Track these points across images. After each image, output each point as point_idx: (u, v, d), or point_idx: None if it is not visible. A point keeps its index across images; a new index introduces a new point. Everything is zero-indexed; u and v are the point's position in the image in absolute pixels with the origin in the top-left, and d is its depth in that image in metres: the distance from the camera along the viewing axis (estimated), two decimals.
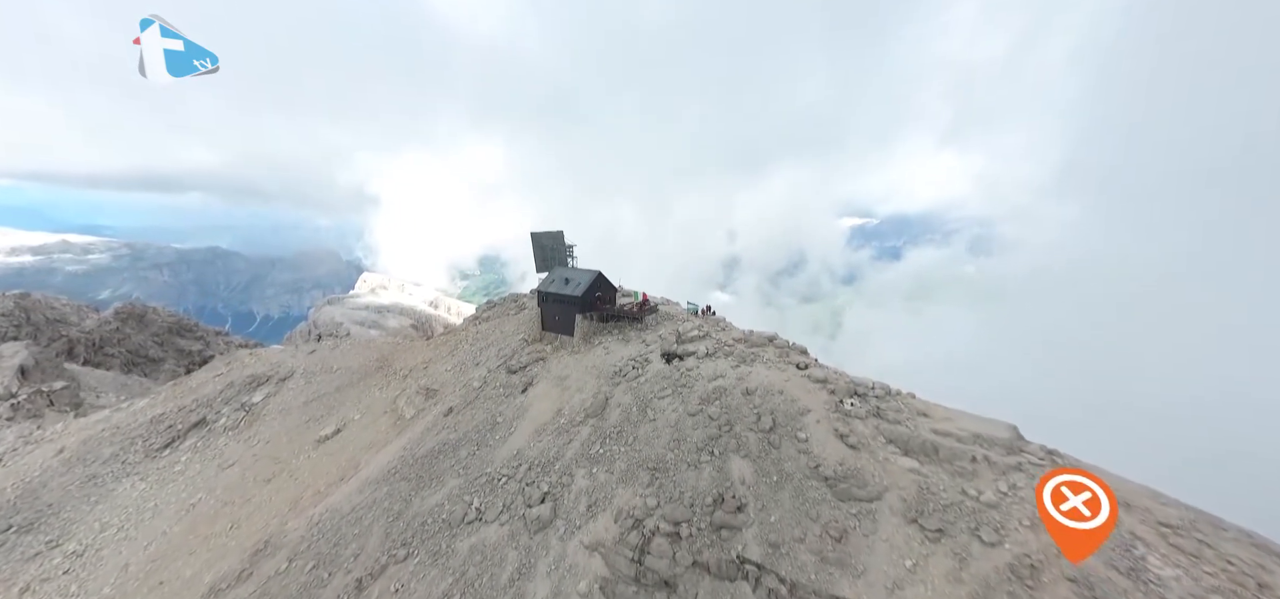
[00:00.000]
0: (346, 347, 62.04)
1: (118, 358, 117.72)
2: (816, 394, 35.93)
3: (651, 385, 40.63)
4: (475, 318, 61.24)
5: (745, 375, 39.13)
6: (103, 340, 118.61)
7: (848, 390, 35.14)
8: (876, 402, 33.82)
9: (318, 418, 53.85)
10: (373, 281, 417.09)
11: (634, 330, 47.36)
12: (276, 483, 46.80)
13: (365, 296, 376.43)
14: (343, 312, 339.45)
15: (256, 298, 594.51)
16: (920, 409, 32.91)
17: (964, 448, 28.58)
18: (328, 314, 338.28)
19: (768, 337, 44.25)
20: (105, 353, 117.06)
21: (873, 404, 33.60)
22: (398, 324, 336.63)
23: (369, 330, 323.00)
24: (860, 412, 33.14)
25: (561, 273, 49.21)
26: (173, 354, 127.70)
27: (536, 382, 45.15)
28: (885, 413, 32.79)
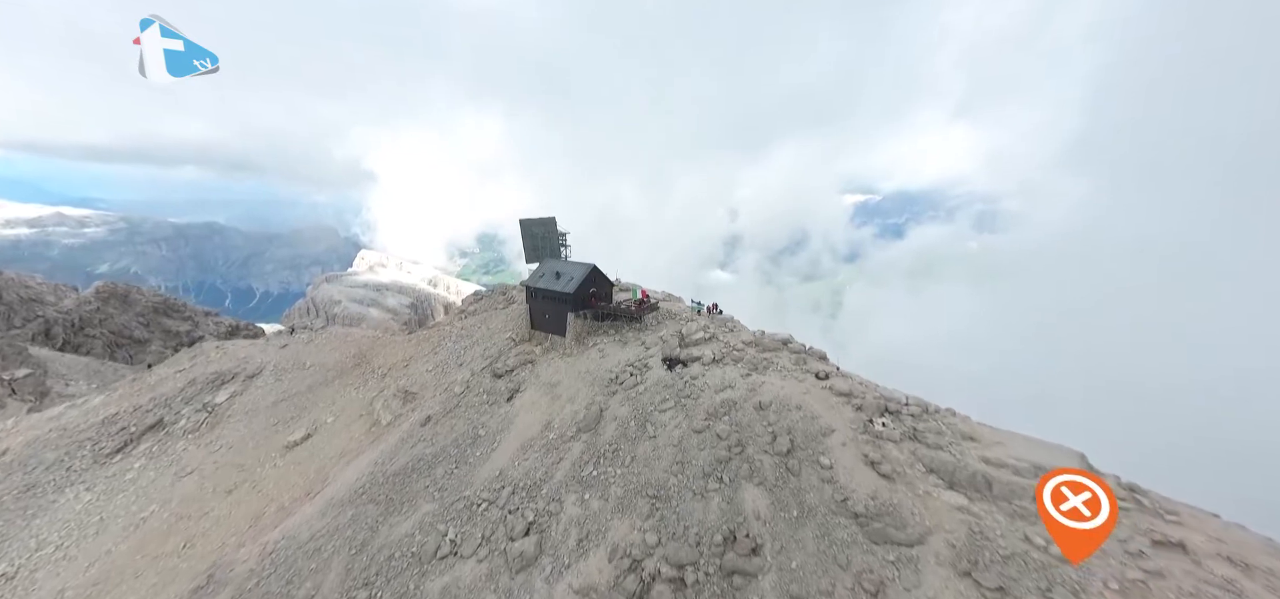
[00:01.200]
0: (322, 340, 57.46)
1: (100, 339, 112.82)
2: (840, 410, 31.52)
3: (651, 396, 36.18)
4: (461, 311, 56.61)
5: (757, 386, 34.68)
6: (83, 321, 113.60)
7: (877, 407, 30.72)
8: (912, 421, 29.43)
9: (287, 420, 49.41)
10: (371, 259, 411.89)
11: (632, 331, 42.82)
12: (238, 495, 42.48)
13: (363, 274, 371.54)
14: (341, 289, 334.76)
15: (255, 274, 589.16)
16: (965, 431, 28.52)
17: (1023, 482, 24.23)
18: (326, 292, 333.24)
19: (781, 340, 39.75)
20: (86, 334, 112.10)
21: (908, 424, 29.21)
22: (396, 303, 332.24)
23: (367, 309, 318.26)
24: (893, 433, 28.75)
25: (552, 266, 44.54)
26: (159, 335, 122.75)
27: (524, 388, 40.67)
28: (923, 435, 28.41)
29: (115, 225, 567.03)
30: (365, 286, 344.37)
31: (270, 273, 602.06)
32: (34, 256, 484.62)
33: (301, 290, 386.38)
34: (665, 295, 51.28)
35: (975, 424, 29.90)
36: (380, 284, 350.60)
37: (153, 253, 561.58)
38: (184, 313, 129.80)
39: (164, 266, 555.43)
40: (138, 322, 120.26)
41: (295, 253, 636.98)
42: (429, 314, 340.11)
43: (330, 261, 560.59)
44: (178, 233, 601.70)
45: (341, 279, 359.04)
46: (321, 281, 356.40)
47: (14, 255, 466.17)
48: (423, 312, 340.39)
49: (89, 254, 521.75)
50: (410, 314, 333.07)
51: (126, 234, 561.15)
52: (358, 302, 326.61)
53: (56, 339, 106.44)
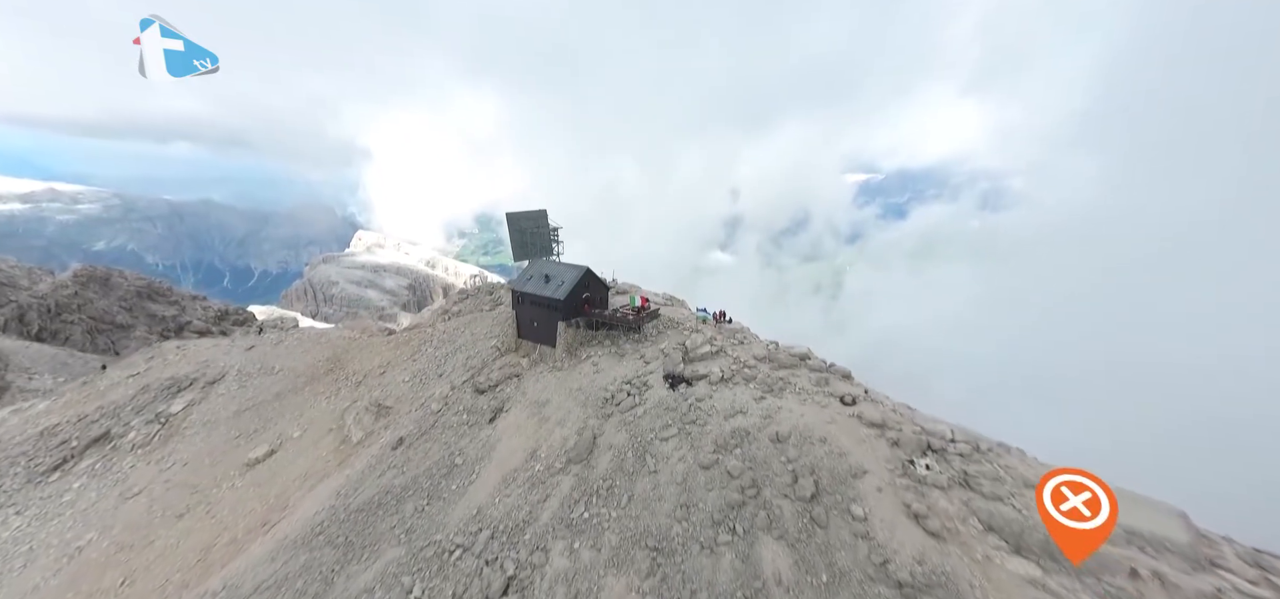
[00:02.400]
0: (293, 342, 52.71)
1: (78, 325, 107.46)
2: (873, 446, 27.04)
3: (652, 420, 31.65)
4: (444, 311, 51.89)
5: (773, 412, 30.15)
6: (59, 306, 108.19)
7: (918, 443, 26.22)
8: (961, 462, 24.97)
9: (249, 433, 44.83)
10: (368, 240, 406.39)
11: (630, 341, 38.17)
12: (189, 521, 38.02)
13: (361, 255, 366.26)
14: (338, 270, 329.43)
15: (253, 253, 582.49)
16: (1028, 477, 24.06)
17: (1115, 552, 19.81)
18: (323, 272, 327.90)
19: (798, 355, 35.16)
20: (63, 321, 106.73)
21: (956, 467, 24.75)
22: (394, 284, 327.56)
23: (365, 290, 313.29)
24: (940, 478, 24.29)
25: (542, 267, 39.78)
26: (143, 320, 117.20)
27: (508, 407, 36.09)
28: (977, 481, 23.95)
29: (110, 202, 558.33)
30: (362, 268, 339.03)
31: (268, 252, 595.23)
32: (29, 232, 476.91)
33: (299, 270, 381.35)
34: (667, 299, 46.59)
35: (1041, 467, 25.44)
36: (378, 265, 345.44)
37: (149, 231, 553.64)
38: (169, 297, 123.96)
39: (161, 245, 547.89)
40: (120, 306, 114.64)
41: (293, 232, 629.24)
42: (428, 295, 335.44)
43: (328, 242, 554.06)
44: (173, 211, 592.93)
45: (339, 260, 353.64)
46: (319, 262, 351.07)
47: (9, 231, 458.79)
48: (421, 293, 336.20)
49: (84, 231, 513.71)
50: (408, 296, 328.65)
51: (122, 211, 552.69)
52: (355, 283, 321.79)
53: (31, 326, 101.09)
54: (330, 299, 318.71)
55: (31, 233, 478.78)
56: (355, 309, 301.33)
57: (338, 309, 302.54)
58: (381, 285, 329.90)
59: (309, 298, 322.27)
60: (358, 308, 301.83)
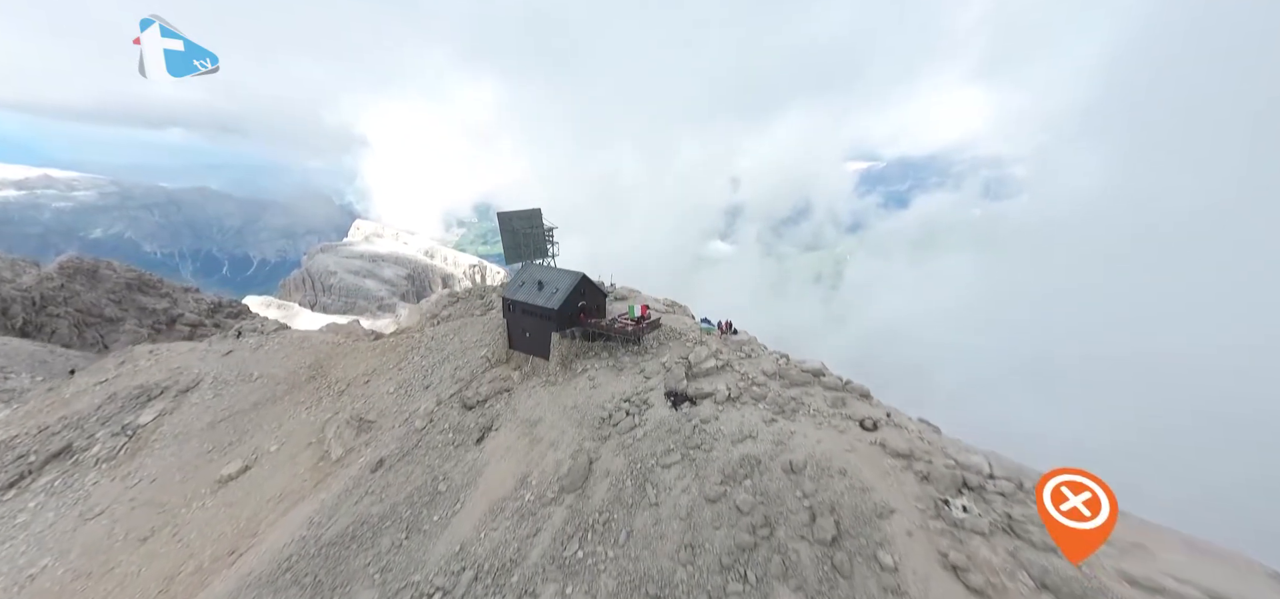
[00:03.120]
0: (273, 347, 49.83)
1: (65, 319, 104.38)
2: (900, 481, 24.26)
3: (652, 444, 28.87)
4: (433, 316, 48.97)
5: (786, 437, 27.37)
6: (45, 299, 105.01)
7: (952, 479, 23.42)
8: (1004, 504, 22.19)
9: (223, 447, 42.07)
10: (366, 229, 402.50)
11: (629, 354, 35.28)
12: (154, 545, 35.33)
13: (359, 244, 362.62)
14: (336, 260, 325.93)
15: (251, 242, 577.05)
16: None
17: None
18: (321, 262, 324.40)
19: (812, 371, 32.31)
20: (49, 314, 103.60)
21: (999, 510, 21.96)
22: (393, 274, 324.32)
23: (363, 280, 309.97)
24: (980, 522, 21.51)
25: (534, 273, 36.80)
26: (134, 313, 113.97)
27: (498, 425, 33.29)
28: (1023, 527, 21.17)
29: (106, 189, 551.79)
30: (361, 257, 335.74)
31: (267, 241, 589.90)
32: (25, 219, 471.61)
33: (298, 259, 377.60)
34: (668, 305, 43.67)
35: None
36: (376, 255, 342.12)
37: (146, 219, 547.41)
38: (160, 289, 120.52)
39: (159, 233, 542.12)
40: (109, 299, 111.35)
41: (291, 221, 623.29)
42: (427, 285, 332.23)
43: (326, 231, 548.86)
44: (170, 199, 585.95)
45: (337, 249, 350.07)
46: (317, 252, 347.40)
47: (4, 218, 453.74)
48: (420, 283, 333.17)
49: (81, 219, 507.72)
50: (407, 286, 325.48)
51: (118, 199, 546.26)
52: (354, 273, 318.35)
53: (15, 319, 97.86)
54: (329, 289, 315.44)
55: (27, 220, 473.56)
56: (354, 299, 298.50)
57: (336, 299, 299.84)
58: (380, 275, 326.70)
59: (307, 287, 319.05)
60: (356, 298, 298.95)
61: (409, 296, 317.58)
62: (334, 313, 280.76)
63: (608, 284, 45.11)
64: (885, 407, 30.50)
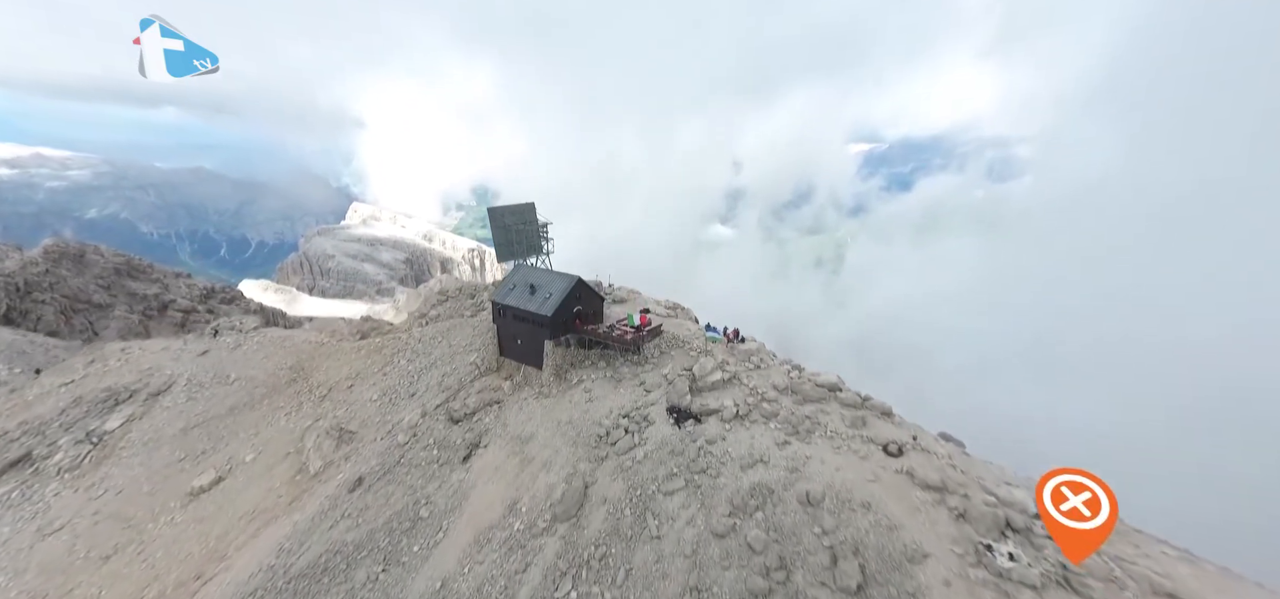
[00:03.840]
0: (252, 347, 47.13)
1: (51, 306, 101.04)
2: (933, 518, 21.73)
3: (654, 467, 26.35)
4: (421, 315, 46.22)
5: (801, 463, 24.84)
6: (29, 285, 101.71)
7: (993, 519, 20.87)
8: (1057, 551, 19.66)
9: (197, 455, 39.59)
10: (364, 212, 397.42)
11: (628, 364, 32.61)
12: (117, 564, 32.97)
13: (357, 227, 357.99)
14: (334, 243, 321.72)
15: (249, 223, 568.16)
16: (1157, 573, 18.82)
17: None
18: (318, 245, 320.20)
19: (827, 385, 29.68)
20: (34, 300, 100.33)
21: (1052, 559, 19.43)
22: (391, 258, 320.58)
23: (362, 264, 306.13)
24: (1030, 573, 19.01)
25: (526, 276, 33.96)
26: (124, 299, 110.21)
27: (486, 440, 30.73)
28: (1083, 580, 18.68)
29: (99, 169, 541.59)
30: (359, 241, 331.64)
31: (264, 223, 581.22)
32: (19, 200, 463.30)
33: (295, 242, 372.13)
34: (670, 309, 40.89)
35: (1170, 557, 20.16)
36: (374, 238, 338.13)
37: (142, 199, 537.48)
38: (150, 275, 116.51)
39: (155, 214, 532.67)
40: (97, 285, 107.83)
41: (288, 203, 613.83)
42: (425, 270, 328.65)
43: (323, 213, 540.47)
44: (165, 179, 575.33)
45: (334, 232, 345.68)
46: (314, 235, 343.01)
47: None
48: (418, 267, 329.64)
49: (76, 198, 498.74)
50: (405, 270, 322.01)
51: (112, 179, 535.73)
52: (352, 257, 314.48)
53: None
54: (327, 273, 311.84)
55: (21, 200, 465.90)
56: (352, 283, 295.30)
57: (335, 282, 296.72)
58: (378, 259, 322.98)
59: (305, 271, 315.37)
60: (355, 281, 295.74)
61: (408, 281, 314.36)
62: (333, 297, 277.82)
63: (606, 285, 42.37)
64: (909, 426, 27.93)
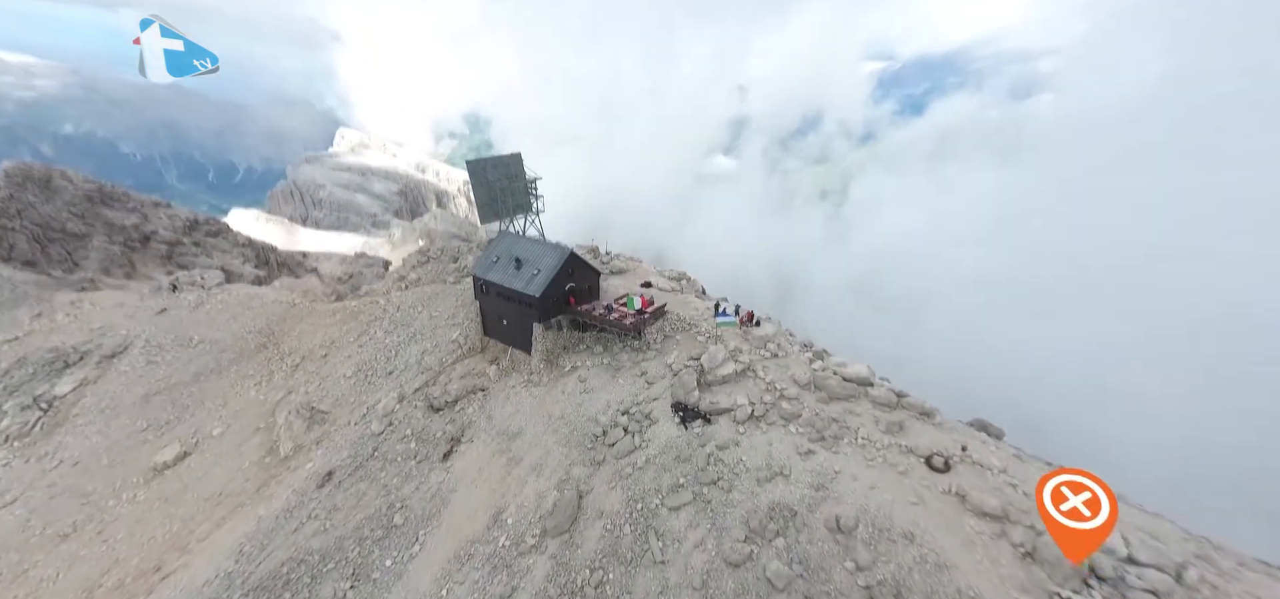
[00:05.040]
0: (217, 307, 43.15)
1: (21, 234, 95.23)
2: (993, 554, 18.54)
3: (657, 475, 23.14)
4: (401, 278, 41.95)
5: (827, 479, 21.58)
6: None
7: (1076, 569, 17.63)
8: None
9: (160, 426, 36.53)
10: (352, 139, 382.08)
11: (628, 350, 28.79)
12: (75, 545, 30.55)
13: (346, 156, 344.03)
14: (324, 172, 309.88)
15: (235, 148, 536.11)
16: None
17: None
18: (308, 174, 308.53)
19: (856, 380, 26.03)
20: (1, 227, 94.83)
21: None
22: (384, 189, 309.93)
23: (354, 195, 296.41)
24: None
25: (512, 246, 29.39)
26: (101, 229, 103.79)
27: (469, 434, 27.41)
28: None
29: (67, 80, 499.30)
30: (350, 170, 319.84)
31: (251, 147, 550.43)
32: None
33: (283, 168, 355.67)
34: (675, 282, 36.52)
35: None
36: (366, 168, 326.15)
37: (117, 116, 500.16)
38: (127, 203, 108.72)
39: (134, 133, 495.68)
40: (69, 213, 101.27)
41: (273, 126, 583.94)
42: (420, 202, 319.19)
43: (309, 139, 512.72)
44: (140, 94, 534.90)
45: (323, 160, 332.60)
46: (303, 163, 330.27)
47: None
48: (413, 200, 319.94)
49: (47, 113, 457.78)
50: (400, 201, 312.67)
51: (82, 91, 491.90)
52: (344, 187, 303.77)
53: None
54: (319, 203, 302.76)
55: None
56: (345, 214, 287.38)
57: (328, 213, 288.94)
58: (371, 190, 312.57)
59: (296, 201, 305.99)
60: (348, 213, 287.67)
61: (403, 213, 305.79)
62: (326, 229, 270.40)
63: (603, 253, 37.88)
64: (953, 428, 24.48)
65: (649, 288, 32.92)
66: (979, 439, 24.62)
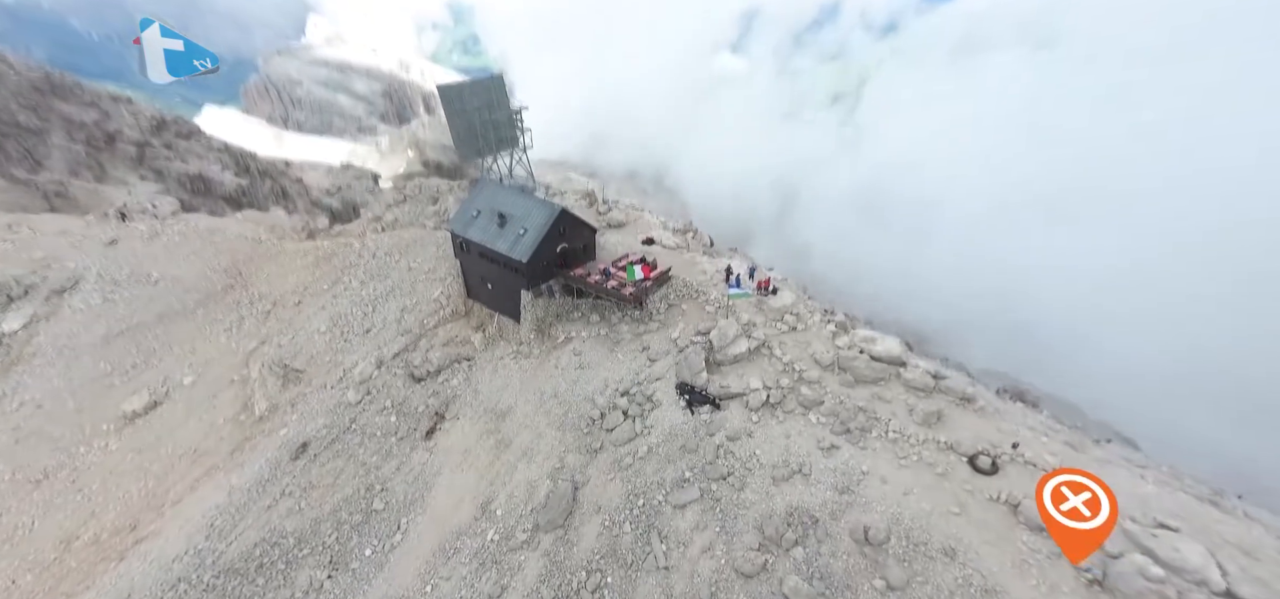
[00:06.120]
0: (175, 239, 39.23)
1: None
2: (1053, 580, 16.42)
3: (660, 467, 20.99)
4: (377, 220, 37.67)
5: (854, 480, 19.43)
6: None
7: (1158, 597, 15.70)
8: None
9: (126, 370, 34.12)
10: (324, 28, 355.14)
11: (627, 320, 25.68)
12: (48, 491, 29.24)
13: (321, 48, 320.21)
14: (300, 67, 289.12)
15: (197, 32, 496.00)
16: None
17: None
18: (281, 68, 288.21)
19: (887, 359, 23.29)
20: None
21: None
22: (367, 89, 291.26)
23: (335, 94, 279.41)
24: None
25: (493, 197, 25.09)
26: (59, 125, 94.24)
27: (454, 409, 25.01)
28: None
29: None
30: (327, 66, 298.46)
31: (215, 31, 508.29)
32: None
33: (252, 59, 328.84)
34: (681, 236, 32.51)
35: None
36: (345, 64, 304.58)
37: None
38: (82, 96, 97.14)
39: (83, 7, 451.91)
40: (18, 104, 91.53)
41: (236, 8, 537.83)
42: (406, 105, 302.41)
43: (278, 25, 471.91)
44: None
45: (296, 53, 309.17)
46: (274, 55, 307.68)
47: None
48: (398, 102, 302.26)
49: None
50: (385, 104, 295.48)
51: None
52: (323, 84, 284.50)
53: None
54: (298, 102, 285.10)
55: None
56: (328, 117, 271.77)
57: (309, 115, 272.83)
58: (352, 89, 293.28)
59: (273, 98, 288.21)
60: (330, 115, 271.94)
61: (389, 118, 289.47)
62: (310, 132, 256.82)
63: (602, 201, 33.41)
64: (1001, 414, 21.99)
65: (651, 244, 29.26)
66: (1028, 427, 22.20)
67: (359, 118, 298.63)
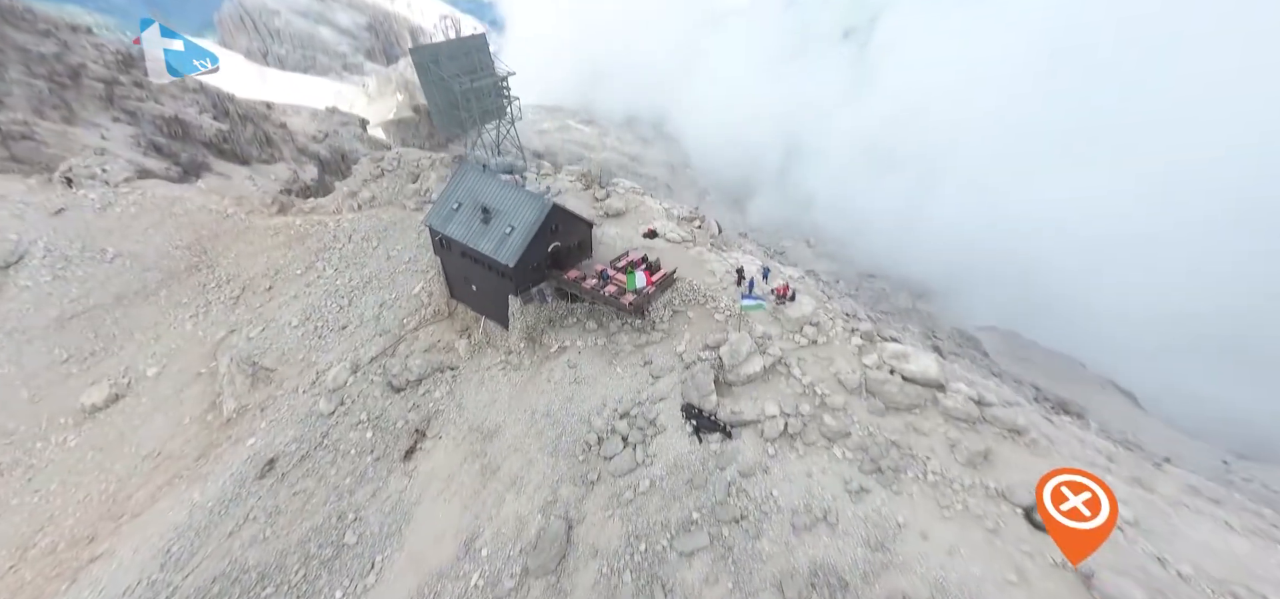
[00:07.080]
0: (130, 211, 35.51)
1: None
2: None
3: (664, 505, 18.69)
4: (353, 196, 33.85)
5: (888, 535, 17.20)
6: None
7: None
8: None
9: (83, 358, 31.49)
10: None
11: (627, 329, 22.73)
12: (3, 489, 27.29)
13: None
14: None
15: None
16: None
17: None
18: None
19: (923, 381, 20.61)
20: None
21: None
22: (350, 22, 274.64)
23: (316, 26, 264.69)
24: None
25: (475, 187, 21.47)
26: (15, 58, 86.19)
27: (436, 427, 22.45)
28: None
29: None
30: None
31: None
32: None
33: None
34: (689, 226, 28.90)
35: None
36: None
37: None
38: (35, 24, 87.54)
39: None
40: None
41: None
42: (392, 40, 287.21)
43: None
44: None
45: None
46: None
47: None
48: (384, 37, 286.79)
49: None
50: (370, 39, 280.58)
51: None
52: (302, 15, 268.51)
53: None
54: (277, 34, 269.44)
55: None
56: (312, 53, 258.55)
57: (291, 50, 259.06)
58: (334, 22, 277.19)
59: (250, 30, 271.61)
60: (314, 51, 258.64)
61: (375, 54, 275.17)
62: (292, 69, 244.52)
63: (598, 187, 29.56)
64: (1053, 447, 19.54)
65: (654, 237, 25.95)
66: (1083, 454, 19.77)
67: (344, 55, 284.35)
